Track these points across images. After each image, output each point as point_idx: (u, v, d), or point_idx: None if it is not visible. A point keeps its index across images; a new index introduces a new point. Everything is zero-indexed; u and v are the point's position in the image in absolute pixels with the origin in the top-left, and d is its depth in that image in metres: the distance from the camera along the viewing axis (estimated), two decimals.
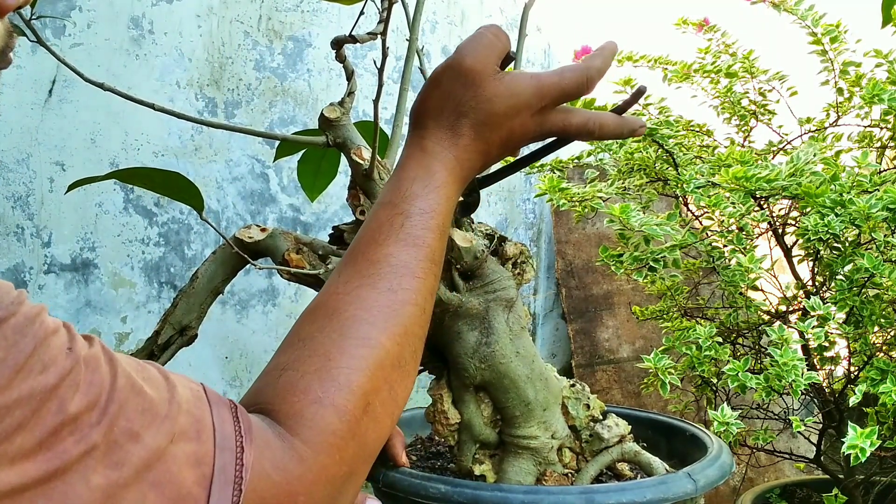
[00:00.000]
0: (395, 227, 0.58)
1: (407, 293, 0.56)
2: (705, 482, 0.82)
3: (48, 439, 0.38)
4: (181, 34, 1.73)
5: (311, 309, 0.57)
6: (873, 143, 1.30)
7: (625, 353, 2.19)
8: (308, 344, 0.53)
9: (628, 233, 1.12)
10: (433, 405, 0.85)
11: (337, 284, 0.57)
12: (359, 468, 0.52)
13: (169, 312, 0.77)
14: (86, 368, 0.41)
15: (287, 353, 0.54)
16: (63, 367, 0.40)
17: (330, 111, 0.75)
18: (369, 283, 0.56)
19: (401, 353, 0.55)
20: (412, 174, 0.61)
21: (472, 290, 0.80)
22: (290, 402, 0.50)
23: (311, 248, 0.79)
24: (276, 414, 0.50)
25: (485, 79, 0.61)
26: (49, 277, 1.62)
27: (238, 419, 0.47)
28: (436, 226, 0.59)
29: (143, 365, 0.46)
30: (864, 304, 1.13)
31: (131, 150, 1.69)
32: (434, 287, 0.60)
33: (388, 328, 0.54)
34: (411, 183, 0.60)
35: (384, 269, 0.56)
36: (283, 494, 0.47)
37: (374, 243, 0.57)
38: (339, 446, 0.49)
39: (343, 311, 0.54)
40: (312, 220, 1.95)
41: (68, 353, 0.41)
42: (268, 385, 0.52)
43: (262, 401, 0.51)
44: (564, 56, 2.38)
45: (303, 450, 0.48)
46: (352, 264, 0.57)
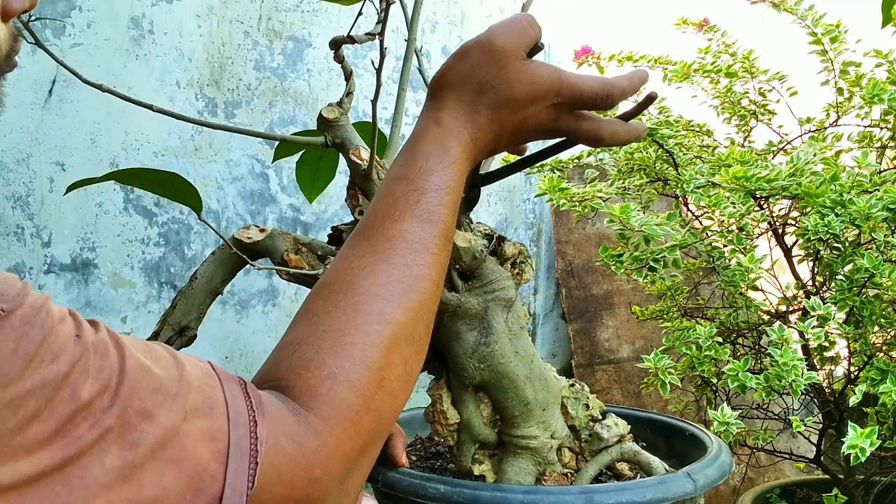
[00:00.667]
0: (411, 203, 0.58)
1: (422, 269, 0.56)
2: (705, 482, 0.82)
3: (63, 427, 0.39)
4: (181, 34, 1.73)
5: (324, 283, 0.56)
6: (873, 143, 1.30)
7: (625, 353, 2.18)
8: (323, 319, 0.53)
9: (628, 233, 1.12)
10: (432, 405, 0.85)
11: (351, 259, 0.56)
12: (374, 442, 0.52)
13: (168, 313, 0.77)
14: (95, 354, 0.41)
15: (301, 328, 0.53)
16: (73, 355, 0.40)
17: (328, 112, 0.75)
18: (384, 259, 0.55)
19: (415, 328, 0.55)
20: (427, 149, 0.60)
21: (471, 290, 0.80)
22: (305, 377, 0.50)
23: (309, 248, 0.79)
24: (291, 390, 0.50)
25: (512, 61, 0.61)
26: (49, 277, 1.62)
27: (248, 395, 0.47)
28: (450, 202, 0.59)
29: (150, 345, 0.46)
30: (864, 304, 1.13)
31: (131, 150, 1.69)
32: (446, 262, 0.60)
33: (403, 304, 0.54)
34: (426, 158, 0.60)
35: (399, 244, 0.56)
36: (300, 468, 0.47)
37: (390, 218, 0.57)
38: (355, 420, 0.49)
39: (358, 287, 0.54)
40: (312, 220, 1.95)
41: (77, 341, 0.41)
42: (281, 360, 0.52)
43: (276, 377, 0.51)
44: (564, 56, 2.38)
45: (318, 424, 0.48)
46: (366, 239, 0.57)
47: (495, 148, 0.65)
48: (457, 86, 0.62)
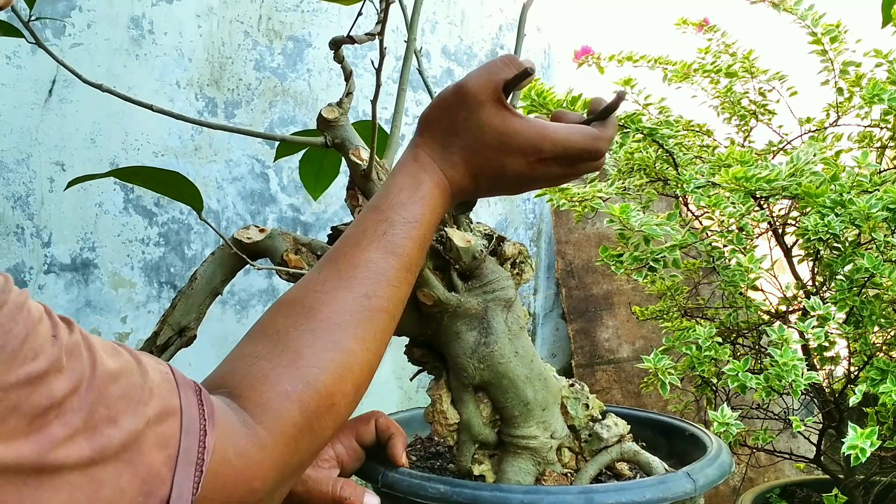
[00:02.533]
0: (378, 234, 0.60)
1: (381, 301, 0.59)
2: (705, 482, 0.82)
3: (37, 421, 0.40)
4: (181, 34, 1.73)
5: (287, 301, 0.59)
6: (873, 143, 1.30)
7: (625, 353, 2.18)
8: (283, 338, 0.55)
9: (628, 233, 1.12)
10: (432, 405, 0.85)
11: (316, 282, 0.59)
12: (311, 458, 0.56)
13: (168, 313, 0.77)
14: (68, 357, 0.43)
15: (261, 343, 0.56)
16: (51, 355, 0.42)
17: (328, 112, 0.75)
18: (346, 286, 0.58)
19: (368, 357, 0.58)
20: (401, 182, 0.63)
21: (471, 290, 0.80)
22: (259, 390, 0.52)
23: (309, 248, 0.79)
24: (244, 401, 0.52)
25: (481, 105, 0.62)
26: (49, 277, 1.62)
27: (202, 402, 0.49)
28: (417, 236, 0.62)
29: (116, 349, 0.48)
30: (864, 304, 1.13)
31: (131, 150, 1.69)
32: (407, 295, 0.62)
33: (359, 334, 0.57)
34: (399, 191, 0.62)
35: (363, 273, 0.59)
36: (242, 478, 0.49)
37: (357, 246, 0.60)
38: (298, 438, 0.52)
39: (318, 312, 0.57)
40: (312, 220, 1.95)
41: (54, 341, 0.43)
42: (237, 370, 0.54)
43: (230, 385, 0.54)
44: (564, 56, 2.38)
45: (265, 437, 0.51)
46: (332, 264, 0.60)
47: (476, 190, 0.67)
48: (433, 125, 0.65)
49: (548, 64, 2.39)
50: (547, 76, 2.37)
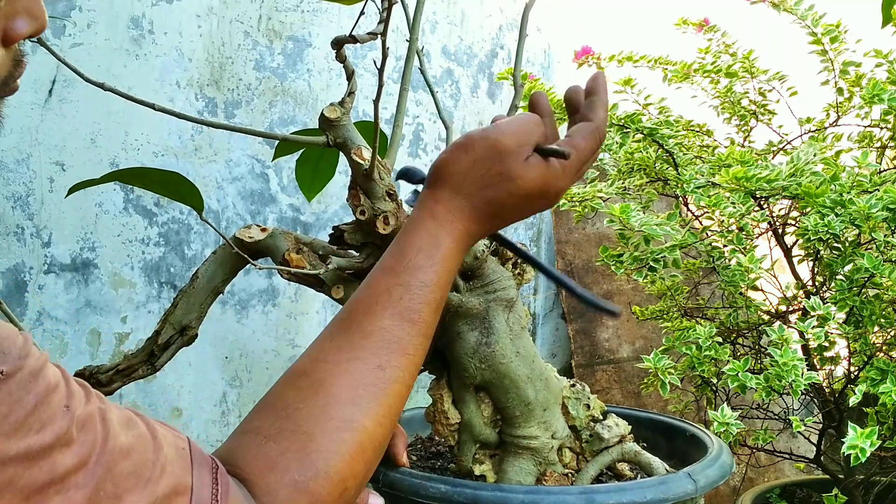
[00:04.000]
0: (394, 299, 0.57)
1: (395, 371, 0.56)
2: (705, 482, 0.82)
3: (34, 497, 0.39)
4: (181, 34, 1.73)
5: (296, 372, 0.56)
6: (873, 143, 1.30)
7: (625, 353, 2.19)
8: (292, 415, 0.53)
9: (628, 233, 1.12)
10: (433, 405, 0.85)
11: (328, 352, 0.56)
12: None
13: (169, 312, 0.77)
14: (80, 430, 0.42)
15: (269, 420, 0.53)
16: (60, 427, 0.40)
17: (330, 111, 0.75)
18: (360, 357, 0.55)
19: (382, 434, 0.55)
20: (418, 243, 0.59)
21: (473, 290, 0.80)
22: (269, 479, 0.50)
23: (311, 248, 0.79)
24: (254, 487, 0.50)
25: (518, 160, 0.60)
26: (49, 277, 1.62)
27: (217, 482, 0.47)
28: (434, 300, 0.59)
29: (133, 421, 0.46)
30: (864, 304, 1.13)
31: (131, 150, 1.69)
32: (422, 360, 0.60)
33: (373, 409, 0.54)
34: (416, 253, 0.59)
35: (376, 342, 0.56)
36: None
37: (371, 313, 0.57)
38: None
39: (330, 386, 0.54)
40: (312, 220, 1.95)
41: (65, 412, 0.41)
42: (248, 450, 0.52)
43: (240, 466, 0.51)
44: (564, 56, 2.38)
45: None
46: (345, 332, 0.57)
47: (490, 232, 0.65)
48: (457, 179, 0.61)
49: (548, 64, 2.39)
50: (547, 76, 2.37)
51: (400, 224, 0.77)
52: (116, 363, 0.76)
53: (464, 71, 2.19)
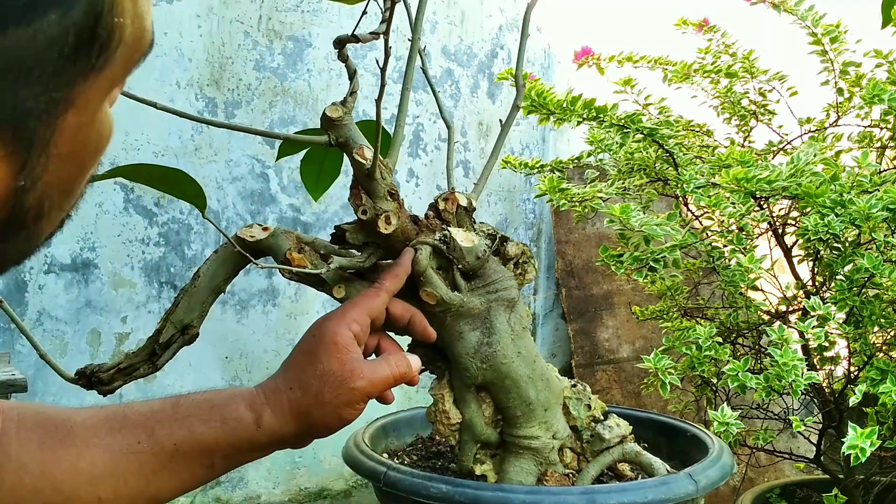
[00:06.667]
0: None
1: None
2: (706, 483, 0.82)
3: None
4: (181, 34, 1.73)
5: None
6: (873, 143, 1.31)
7: (625, 353, 2.19)
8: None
9: (628, 233, 1.12)
10: (434, 405, 0.85)
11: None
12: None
13: (170, 311, 0.77)
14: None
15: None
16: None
17: (332, 111, 0.75)
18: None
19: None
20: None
21: (474, 290, 0.80)
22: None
23: (312, 247, 0.79)
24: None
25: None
26: (49, 277, 1.62)
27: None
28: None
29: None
30: (864, 304, 1.13)
31: (131, 150, 1.69)
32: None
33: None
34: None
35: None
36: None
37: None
38: None
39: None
40: (312, 220, 1.95)
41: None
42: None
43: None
44: (564, 56, 2.38)
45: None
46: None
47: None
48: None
49: (548, 64, 2.39)
50: (547, 76, 2.37)
51: (401, 223, 0.77)
52: (118, 362, 0.76)
53: (464, 71, 2.19)
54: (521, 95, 0.92)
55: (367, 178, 0.75)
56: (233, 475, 1.85)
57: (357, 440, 0.95)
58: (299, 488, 1.94)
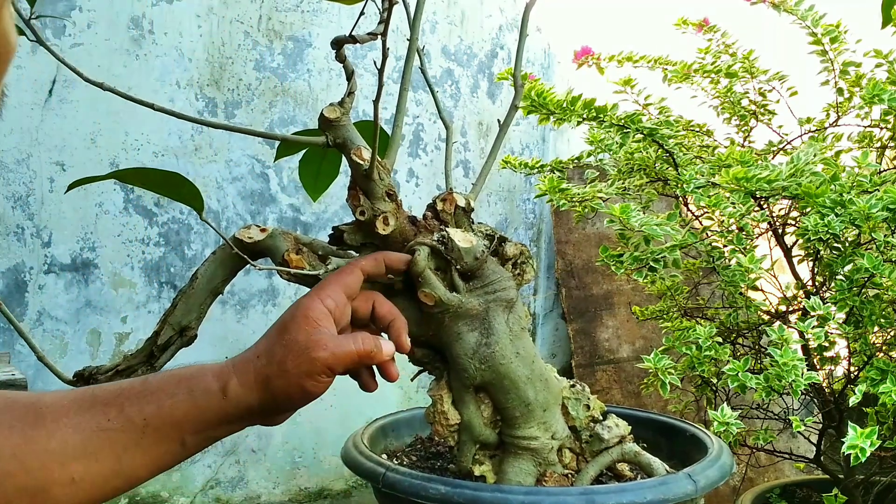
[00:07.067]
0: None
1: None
2: (706, 483, 0.82)
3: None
4: (181, 34, 1.73)
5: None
6: (873, 143, 1.30)
7: (625, 353, 2.18)
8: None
9: (628, 233, 1.12)
10: (433, 406, 0.85)
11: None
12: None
13: (168, 313, 0.77)
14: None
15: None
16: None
17: (330, 111, 0.75)
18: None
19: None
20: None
21: (472, 290, 0.80)
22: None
23: (310, 248, 0.79)
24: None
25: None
26: (49, 277, 1.62)
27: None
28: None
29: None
30: (864, 304, 1.13)
31: (131, 150, 1.69)
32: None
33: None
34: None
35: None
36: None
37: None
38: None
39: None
40: (312, 220, 1.95)
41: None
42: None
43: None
44: (564, 56, 2.38)
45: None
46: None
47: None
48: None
49: (548, 64, 2.39)
50: (547, 76, 2.37)
51: (400, 224, 0.77)
52: (116, 364, 0.76)
53: (464, 71, 2.19)
54: (520, 95, 0.92)
55: (365, 178, 0.75)
56: (233, 475, 1.85)
57: (356, 441, 0.95)
58: (299, 488, 1.94)
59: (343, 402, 1.98)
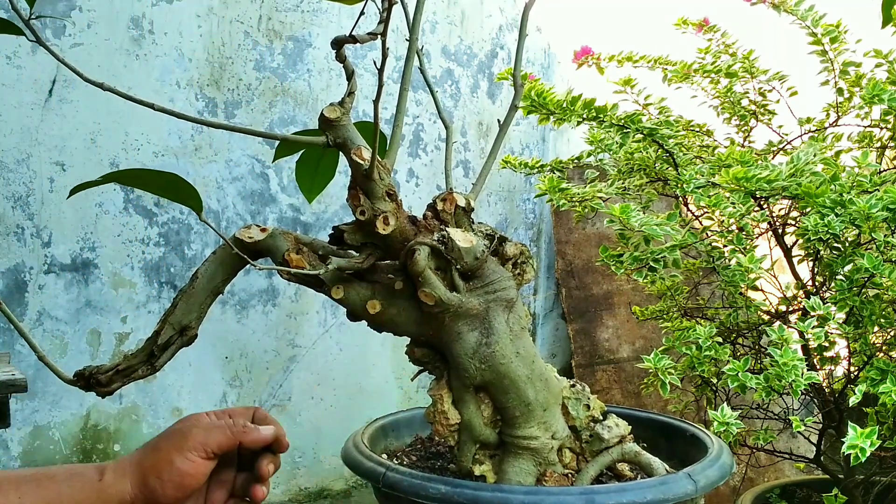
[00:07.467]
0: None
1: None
2: (706, 482, 0.82)
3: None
4: (181, 34, 1.73)
5: None
6: (873, 143, 1.30)
7: (625, 353, 2.18)
8: None
9: (628, 233, 1.12)
10: (433, 405, 0.85)
11: None
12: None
13: (169, 312, 0.77)
14: None
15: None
16: None
17: (330, 111, 0.75)
18: None
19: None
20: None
21: (473, 290, 0.80)
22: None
23: (310, 248, 0.79)
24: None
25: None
26: (49, 277, 1.62)
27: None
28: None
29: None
30: (864, 304, 1.13)
31: (131, 150, 1.69)
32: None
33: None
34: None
35: None
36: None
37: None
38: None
39: None
40: (312, 220, 1.95)
41: None
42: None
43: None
44: (564, 56, 2.38)
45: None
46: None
47: None
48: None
49: (548, 64, 2.39)
50: (547, 76, 2.37)
51: (400, 224, 0.77)
52: (116, 363, 0.76)
53: (464, 71, 2.19)
54: (520, 95, 0.92)
55: (366, 178, 0.75)
56: None
57: (356, 441, 0.95)
58: (299, 488, 1.94)
59: (343, 402, 1.98)
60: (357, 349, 1.98)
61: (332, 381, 1.96)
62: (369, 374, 2.01)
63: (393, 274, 0.80)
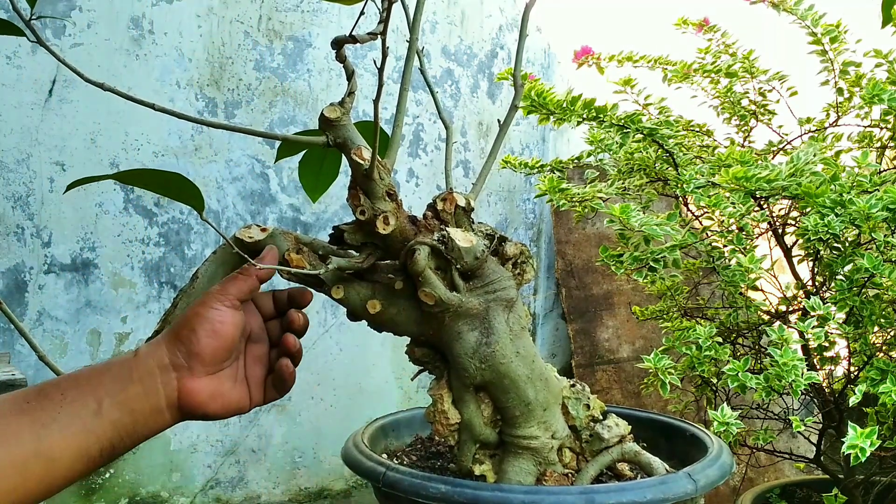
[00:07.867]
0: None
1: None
2: (705, 482, 0.82)
3: None
4: (181, 34, 1.73)
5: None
6: (873, 143, 1.30)
7: (625, 353, 2.19)
8: None
9: (628, 233, 1.12)
10: (433, 405, 0.85)
11: None
12: None
13: (169, 312, 0.77)
14: None
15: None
16: None
17: (330, 111, 0.75)
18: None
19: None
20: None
21: (473, 290, 0.80)
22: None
23: (311, 248, 0.79)
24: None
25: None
26: (49, 277, 1.62)
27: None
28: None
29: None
30: (864, 304, 1.13)
31: (131, 150, 1.69)
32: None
33: None
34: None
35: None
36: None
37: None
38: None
39: None
40: (312, 220, 1.95)
41: None
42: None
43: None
44: (564, 56, 2.38)
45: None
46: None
47: None
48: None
49: (548, 64, 2.39)
50: (547, 76, 2.37)
51: (400, 224, 0.77)
52: None
53: (464, 71, 2.19)
54: (520, 95, 0.92)
55: (366, 178, 0.75)
56: (233, 475, 1.85)
57: (356, 440, 0.95)
58: (299, 488, 1.94)
59: (343, 402, 1.98)
60: (357, 349, 1.98)
61: (332, 381, 1.96)
62: (369, 374, 2.01)
63: (393, 274, 0.80)
